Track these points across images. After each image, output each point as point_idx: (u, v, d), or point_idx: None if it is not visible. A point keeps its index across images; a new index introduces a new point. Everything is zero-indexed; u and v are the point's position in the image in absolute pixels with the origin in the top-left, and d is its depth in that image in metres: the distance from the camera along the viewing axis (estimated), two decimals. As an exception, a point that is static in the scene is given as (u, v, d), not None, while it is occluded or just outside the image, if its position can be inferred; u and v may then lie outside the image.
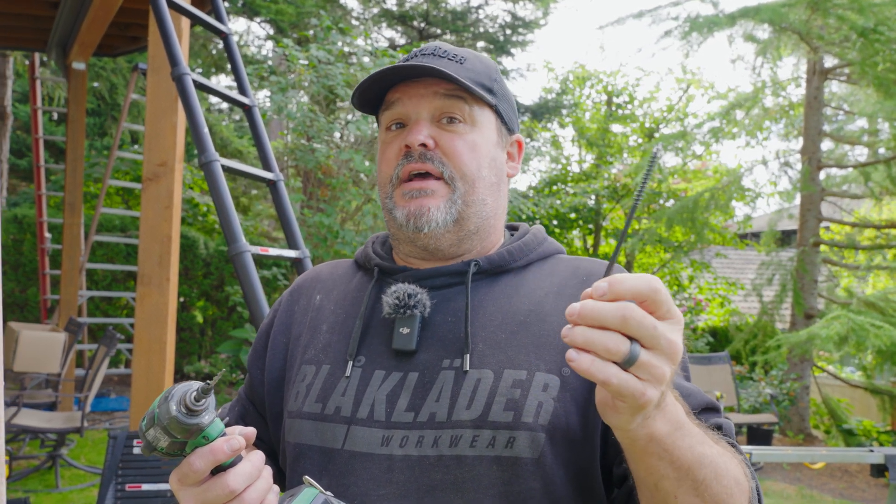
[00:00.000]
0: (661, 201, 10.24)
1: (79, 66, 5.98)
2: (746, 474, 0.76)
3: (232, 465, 0.69)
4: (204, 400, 0.65)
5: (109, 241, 7.51)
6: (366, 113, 0.96)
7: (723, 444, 0.75)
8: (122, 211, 7.65)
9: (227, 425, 1.05)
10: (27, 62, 8.37)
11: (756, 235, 12.54)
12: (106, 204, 9.32)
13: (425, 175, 0.89)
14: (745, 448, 3.79)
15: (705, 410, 0.86)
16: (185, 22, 3.00)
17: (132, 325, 6.99)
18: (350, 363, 0.88)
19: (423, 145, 0.88)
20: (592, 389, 0.78)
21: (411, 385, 0.84)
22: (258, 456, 0.73)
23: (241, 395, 1.07)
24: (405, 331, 0.86)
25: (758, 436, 6.90)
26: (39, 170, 7.20)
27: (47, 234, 7.25)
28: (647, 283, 0.58)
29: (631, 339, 0.58)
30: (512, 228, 1.04)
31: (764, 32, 7.89)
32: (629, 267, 10.76)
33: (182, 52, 2.61)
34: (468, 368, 0.83)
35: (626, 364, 0.58)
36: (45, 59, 8.00)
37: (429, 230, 0.88)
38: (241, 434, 0.72)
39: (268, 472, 0.73)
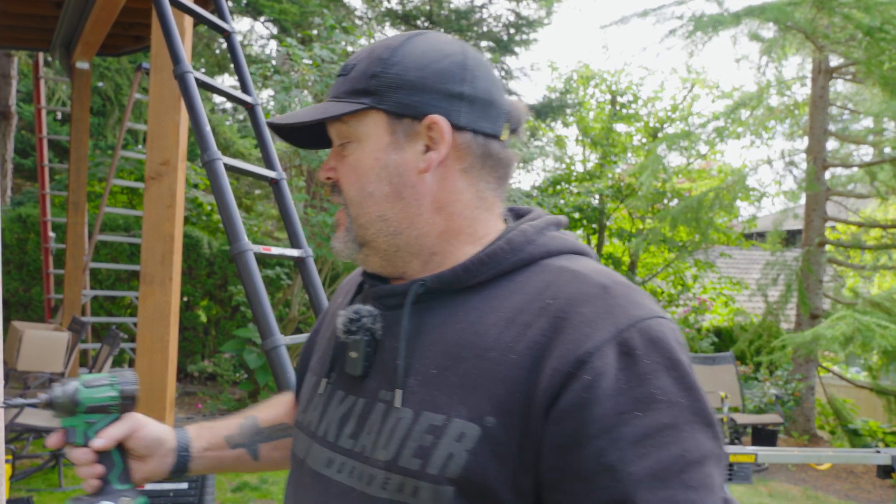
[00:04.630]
0: (666, 201, 10.21)
1: (82, 65, 5.98)
2: None
3: None
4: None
5: (113, 240, 7.52)
6: None
7: None
8: (126, 210, 7.65)
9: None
10: (31, 62, 8.39)
11: (761, 235, 12.50)
12: (110, 203, 9.32)
13: None
14: (750, 449, 3.76)
15: None
16: (188, 20, 2.99)
17: (136, 325, 6.99)
18: (325, 380, 0.89)
19: (329, 178, 0.87)
20: (523, 446, 0.68)
21: (357, 411, 0.81)
22: None
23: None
24: (353, 355, 0.82)
25: (763, 436, 6.88)
26: (43, 169, 7.20)
27: (51, 234, 7.26)
28: None
29: None
30: (518, 215, 0.92)
31: (769, 31, 7.86)
32: (633, 267, 10.74)
33: (185, 50, 2.60)
34: (398, 405, 0.76)
35: None
36: (49, 58, 8.01)
37: (343, 258, 0.88)
38: None
39: None
